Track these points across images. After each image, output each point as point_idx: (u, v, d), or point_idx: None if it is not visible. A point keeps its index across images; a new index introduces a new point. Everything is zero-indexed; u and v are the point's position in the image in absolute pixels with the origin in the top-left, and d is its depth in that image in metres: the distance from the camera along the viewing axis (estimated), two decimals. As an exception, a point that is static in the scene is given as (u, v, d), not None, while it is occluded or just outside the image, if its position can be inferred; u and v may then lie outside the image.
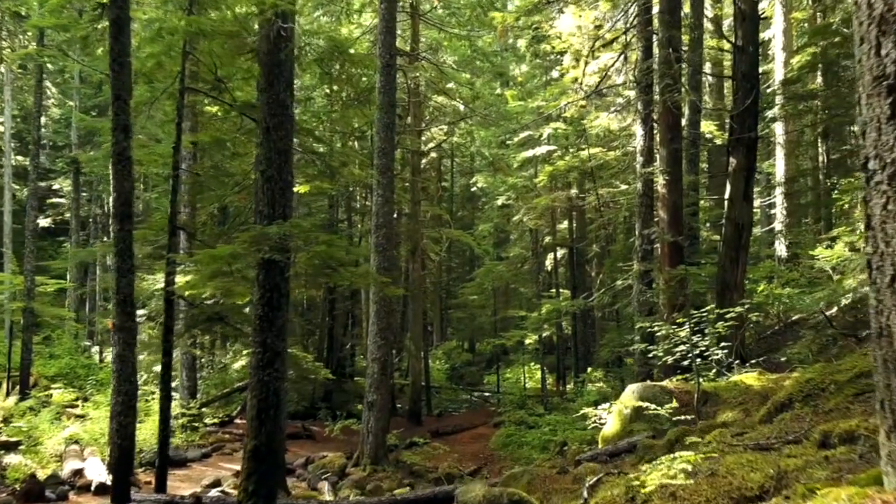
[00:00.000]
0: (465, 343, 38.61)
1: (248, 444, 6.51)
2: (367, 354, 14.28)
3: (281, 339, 6.71)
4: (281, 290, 6.72)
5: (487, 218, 33.37)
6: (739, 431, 4.98)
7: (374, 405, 13.89)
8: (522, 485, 7.12)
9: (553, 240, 26.00)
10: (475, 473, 15.19)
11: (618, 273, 17.40)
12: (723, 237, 12.35)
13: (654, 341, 12.04)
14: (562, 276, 30.26)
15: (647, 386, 8.45)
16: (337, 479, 12.99)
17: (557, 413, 18.42)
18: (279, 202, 6.79)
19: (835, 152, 23.35)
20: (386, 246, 14.07)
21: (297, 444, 16.94)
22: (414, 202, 21.21)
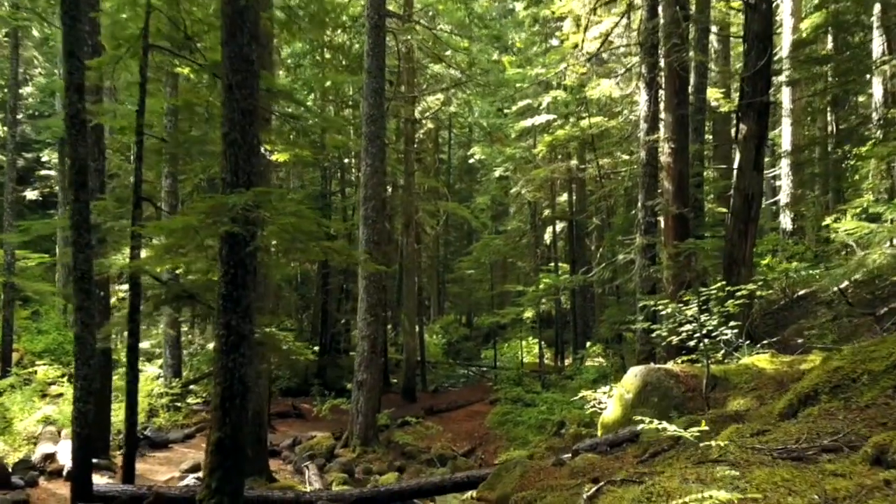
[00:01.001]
0: (463, 317, 38.10)
1: (212, 435, 5.90)
2: (356, 332, 13.65)
3: (248, 321, 6.06)
4: (247, 267, 6.05)
5: (485, 191, 32.60)
6: (760, 429, 4.34)
7: (363, 384, 13.32)
8: (514, 478, 6.53)
9: (552, 213, 25.28)
10: (469, 454, 14.68)
11: (619, 247, 16.71)
12: (731, 209, 11.63)
13: (657, 320, 11.42)
14: (561, 250, 29.60)
15: (650, 369, 7.82)
16: (324, 461, 12.47)
17: (555, 390, 17.90)
18: (243, 168, 6.09)
19: (843, 122, 22.54)
20: (375, 219, 13.38)
21: (286, 423, 16.44)
22: (408, 173, 20.46)
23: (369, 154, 13.33)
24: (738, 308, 7.79)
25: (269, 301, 10.82)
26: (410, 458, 13.74)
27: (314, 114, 13.12)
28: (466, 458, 14.16)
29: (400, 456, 13.75)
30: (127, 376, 8.18)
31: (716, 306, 7.69)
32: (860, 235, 9.45)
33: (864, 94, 24.11)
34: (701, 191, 16.08)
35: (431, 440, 15.17)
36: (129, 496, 7.42)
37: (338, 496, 7.31)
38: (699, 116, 14.80)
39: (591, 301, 25.82)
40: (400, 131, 23.45)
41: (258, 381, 10.40)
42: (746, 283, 11.21)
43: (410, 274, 20.78)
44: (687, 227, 11.70)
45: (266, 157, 10.20)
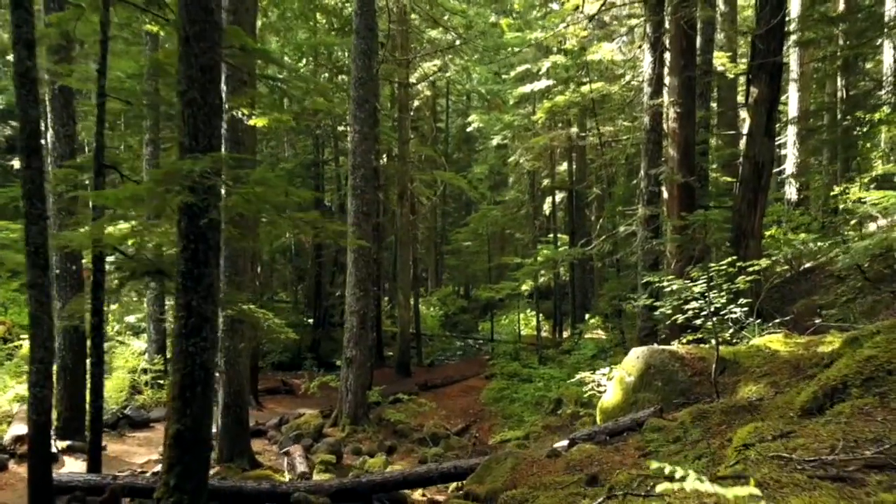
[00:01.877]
0: (461, 288, 37.58)
1: (170, 427, 5.34)
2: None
3: (210, 301, 5.46)
4: (209, 242, 5.43)
5: (483, 160, 31.81)
6: (783, 430, 3.76)
7: (353, 361, 12.80)
8: (505, 471, 5.99)
9: (552, 182, 24.58)
10: (463, 432, 14.22)
11: (620, 218, 16.08)
12: (740, 177, 10.98)
13: (659, 295, 10.84)
14: (560, 221, 28.95)
15: (653, 350, 7.26)
16: (312, 441, 11.98)
17: (552, 365, 17.42)
18: (203, 132, 5.43)
19: (853, 88, 21.72)
20: (365, 188, 12.73)
21: (274, 399, 15.97)
22: (402, 141, 19.72)
23: (358, 119, 12.61)
24: (749, 284, 7.20)
25: (248, 276, 10.22)
26: (402, 437, 13.28)
27: (294, 75, 12.37)
28: (460, 436, 13.70)
29: (391, 435, 13.29)
30: (91, 358, 7.61)
31: (725, 282, 7.10)
32: (885, 206, 8.80)
33: (873, 60, 23.26)
34: (706, 159, 15.40)
35: (424, 417, 14.71)
36: (92, 486, 6.91)
37: (316, 487, 6.80)
38: (705, 79, 14.05)
39: (590, 273, 25.26)
40: (394, 97, 22.63)
41: (238, 360, 9.86)
42: (756, 256, 10.62)
43: (405, 246, 20.17)
44: (692, 196, 11.06)
45: (244, 123, 9.52)
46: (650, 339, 11.15)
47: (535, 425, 13.31)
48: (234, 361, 9.84)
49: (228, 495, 6.85)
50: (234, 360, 9.82)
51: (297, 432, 12.19)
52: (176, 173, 4.92)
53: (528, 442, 12.09)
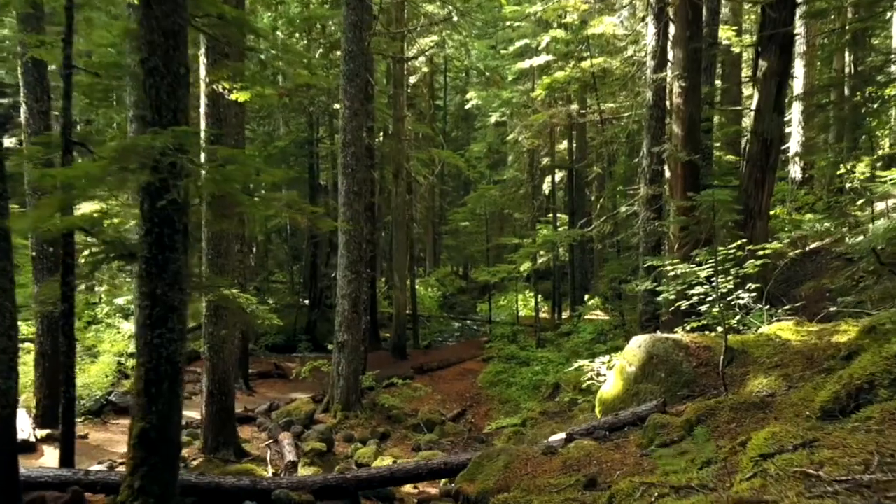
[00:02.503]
0: (460, 268, 37.18)
1: (135, 426, 4.94)
2: (336, 290, 12.68)
3: (177, 289, 5.03)
4: (175, 225, 4.99)
5: (482, 138, 31.21)
6: (805, 439, 3.35)
7: (344, 346, 12.41)
8: (497, 469, 5.61)
9: (551, 161, 24.05)
10: (459, 418, 13.88)
11: (620, 198, 15.60)
12: (747, 155, 10.52)
13: (661, 280, 10.41)
14: (560, 201, 28.45)
15: (656, 339, 6.84)
16: (302, 428, 11.63)
17: (550, 348, 17.05)
18: (167, 104, 4.96)
19: (861, 64, 21.12)
20: (356, 167, 12.24)
21: (266, 384, 15.62)
22: (397, 118, 19.17)
23: (349, 95, 12.09)
24: (758, 269, 6.77)
25: (234, 258, 9.78)
26: (396, 423, 12.94)
27: (279, 46, 11.81)
28: (455, 422, 13.36)
29: (385, 420, 12.95)
30: (63, 346, 7.20)
31: (732, 267, 6.67)
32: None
33: (880, 36, 22.63)
34: (710, 136, 14.88)
35: (419, 402, 14.36)
36: (63, 482, 6.53)
37: (299, 483, 6.42)
38: (711, 52, 13.48)
39: (590, 253, 24.83)
40: (389, 73, 22.04)
41: (222, 347, 9.45)
42: (763, 237, 10.18)
43: (401, 226, 19.70)
44: (697, 175, 10.60)
45: (226, 98, 9.02)
46: (652, 323, 10.76)
47: (533, 411, 12.97)
48: (219, 348, 9.44)
49: (206, 492, 6.48)
50: (219, 346, 9.42)
51: (287, 419, 11.84)
52: (133, 150, 4.47)
53: (525, 429, 11.74)
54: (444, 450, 11.73)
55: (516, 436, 11.69)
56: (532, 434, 11.59)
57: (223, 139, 9.30)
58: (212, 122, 9.26)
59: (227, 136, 9.35)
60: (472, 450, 12.01)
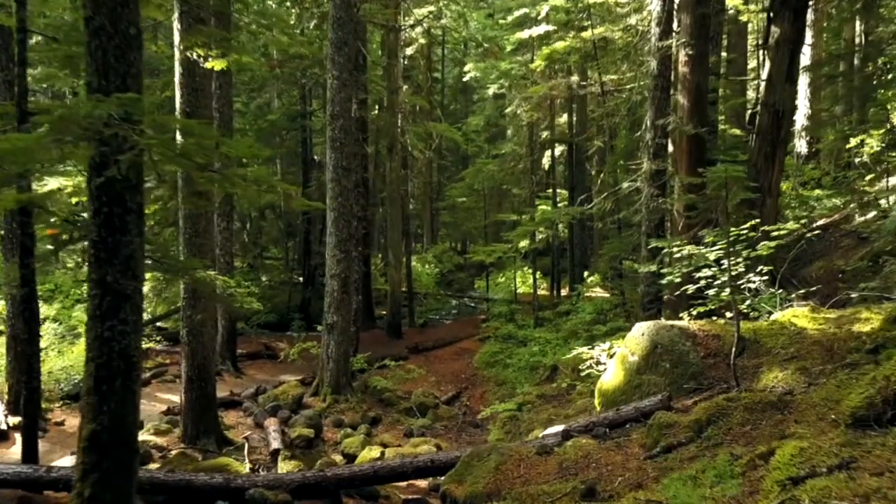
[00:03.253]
0: (458, 244, 36.65)
1: (84, 428, 4.47)
2: (325, 270, 12.17)
3: (130, 275, 4.52)
4: (126, 204, 4.47)
5: (480, 111, 30.48)
6: (841, 458, 2.86)
7: (334, 327, 11.94)
8: (488, 470, 5.15)
9: (551, 135, 23.39)
10: (453, 401, 13.47)
11: (621, 173, 15.02)
12: (757, 128, 9.94)
13: (665, 261, 9.90)
14: (560, 175, 27.82)
15: (660, 326, 6.35)
16: (290, 413, 11.20)
17: (549, 328, 16.59)
18: (115, 69, 4.40)
19: (871, 34, 20.37)
20: (344, 140, 11.66)
21: (255, 365, 15.18)
22: (390, 90, 18.50)
23: (336, 64, 11.46)
24: (772, 251, 6.25)
25: (211, 239, 9.26)
26: (388, 406, 12.52)
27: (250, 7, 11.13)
28: (450, 405, 12.95)
29: (377, 404, 12.53)
30: (25, 334, 6.71)
31: (744, 249, 6.15)
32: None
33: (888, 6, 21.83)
34: (715, 109, 14.26)
35: (413, 384, 13.95)
36: (24, 480, 6.09)
37: (276, 481, 5.98)
38: (718, 19, 12.81)
39: (589, 229, 24.29)
40: (383, 43, 21.30)
41: (201, 331, 8.97)
42: (772, 215, 9.66)
43: (395, 202, 19.14)
44: (703, 150, 10.03)
45: (202, 67, 8.42)
46: (654, 305, 10.28)
47: (530, 394, 12.55)
48: (198, 332, 8.96)
49: (176, 490, 6.04)
50: (198, 330, 8.94)
51: (274, 403, 11.41)
52: (72, 119, 3.92)
53: (521, 414, 11.32)
54: (438, 435, 11.33)
55: (511, 421, 11.28)
56: (528, 419, 11.18)
57: (199, 111, 8.72)
58: (188, 94, 8.67)
59: (203, 107, 8.76)
60: (466, 435, 11.68)
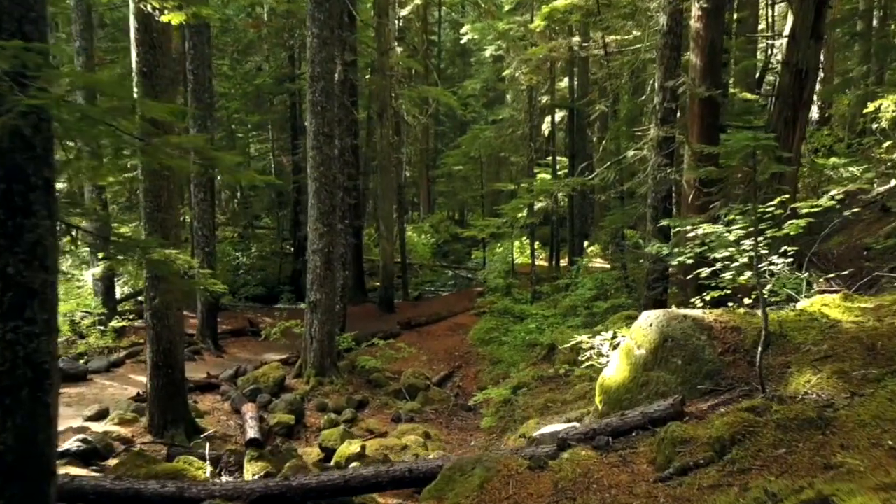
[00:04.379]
0: (455, 213, 35.77)
1: (-14, 448, 3.70)
2: (307, 244, 11.39)
3: (38, 267, 3.76)
4: (30, 179, 3.69)
5: (478, 75, 29.33)
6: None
7: (317, 306, 11.20)
8: (471, 489, 4.42)
9: (551, 99, 22.38)
10: (445, 381, 12.80)
11: (625, 140, 14.13)
12: (777, 89, 9.08)
13: (672, 234, 9.11)
14: (560, 142, 26.85)
15: (671, 316, 5.58)
16: (270, 397, 10.53)
17: (547, 303, 15.87)
18: (9, 13, 3.55)
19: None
20: (326, 104, 10.76)
21: (239, 343, 14.47)
22: (381, 52, 17.46)
23: (317, 22, 10.51)
24: (802, 230, 5.45)
25: (175, 214, 8.43)
26: (376, 388, 11.85)
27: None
28: (441, 386, 12.28)
29: (364, 385, 11.86)
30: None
31: (769, 228, 5.36)
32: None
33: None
34: (726, 70, 13.32)
35: (404, 363, 13.27)
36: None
37: (235, 491, 5.28)
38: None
39: (590, 197, 23.42)
40: (375, 1, 20.15)
41: (167, 314, 8.23)
42: (792, 186, 8.85)
43: (387, 171, 18.26)
44: (717, 114, 9.16)
45: (159, 21, 7.51)
46: (660, 284, 9.51)
47: (526, 375, 11.88)
48: (163, 314, 8.21)
49: (123, 500, 5.34)
50: (163, 312, 8.19)
51: (253, 386, 10.72)
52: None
53: (516, 398, 10.65)
54: (427, 420, 10.67)
55: (506, 405, 10.62)
56: (523, 403, 10.51)
57: (158, 71, 7.84)
58: (144, 51, 7.78)
59: (162, 66, 7.87)
60: (458, 419, 11.00)
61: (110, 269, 8.84)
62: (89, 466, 7.03)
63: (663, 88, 9.62)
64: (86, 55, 12.80)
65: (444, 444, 9.28)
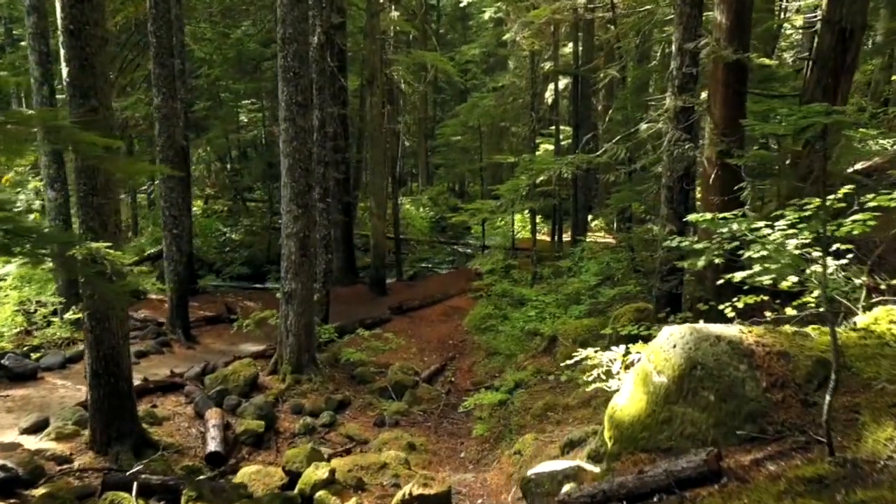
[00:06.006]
0: (456, 185, 34.49)
1: None
2: (281, 228, 10.26)
3: None
4: None
5: (477, 39, 27.78)
6: None
7: (293, 296, 10.10)
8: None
9: (554, 65, 20.98)
10: (436, 377, 11.72)
11: (634, 109, 12.85)
12: (814, 51, 7.84)
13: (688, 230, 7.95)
14: (563, 111, 25.51)
15: (700, 336, 4.45)
16: (239, 399, 9.49)
17: (548, 287, 14.74)
18: None
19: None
20: (299, 71, 9.52)
21: (215, 331, 13.37)
22: (371, 14, 16.10)
23: (287, -26, 9.22)
24: (868, 229, 4.30)
25: (115, 198, 7.26)
26: (360, 385, 10.82)
27: None
28: (431, 383, 11.23)
29: (346, 382, 10.82)
30: None
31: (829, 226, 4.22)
32: None
33: None
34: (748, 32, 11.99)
35: (392, 355, 12.21)
36: None
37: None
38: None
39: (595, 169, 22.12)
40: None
41: (109, 314, 7.13)
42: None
43: (377, 142, 17.00)
44: (744, 80, 7.91)
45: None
46: (675, 277, 8.38)
47: (524, 369, 10.83)
48: (103, 315, 7.12)
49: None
50: (103, 313, 7.10)
51: (221, 386, 9.68)
52: None
53: (513, 398, 9.60)
54: (415, 423, 9.65)
55: (501, 407, 9.57)
56: (520, 406, 9.43)
57: (88, 29, 6.62)
58: (70, 5, 6.55)
59: (93, 24, 6.64)
60: (448, 423, 9.94)
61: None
62: (9, 499, 6.02)
63: (682, 51, 8.34)
64: (37, 14, 11.52)
65: (431, 457, 8.26)
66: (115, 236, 7.05)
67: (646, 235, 11.77)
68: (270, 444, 8.73)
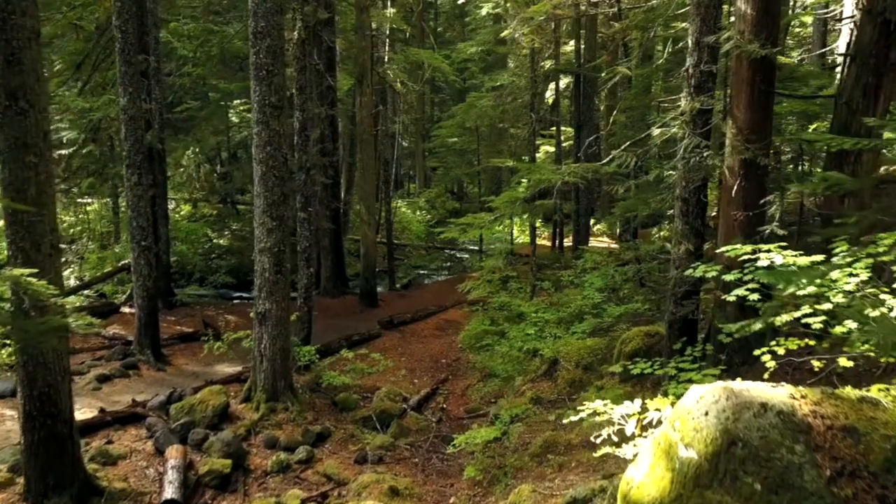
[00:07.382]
0: (454, 186, 33.57)
1: None
2: (254, 243, 9.32)
3: None
4: None
5: (475, 37, 26.87)
6: None
7: (266, 318, 9.17)
8: None
9: (555, 64, 20.05)
10: (426, 402, 10.77)
11: (646, 111, 11.92)
12: (854, 47, 6.91)
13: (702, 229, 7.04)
14: (565, 110, 24.62)
15: (740, 402, 3.51)
16: (207, 432, 8.54)
17: (548, 299, 13.78)
18: None
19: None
20: (272, 69, 8.59)
21: (188, 350, 12.38)
22: (360, 9, 15.17)
23: (259, -38, 8.30)
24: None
25: (52, 213, 6.32)
26: (343, 413, 9.88)
27: None
28: (421, 410, 10.28)
29: (328, 410, 9.87)
30: None
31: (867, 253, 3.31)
32: None
33: None
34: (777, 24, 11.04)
35: (379, 378, 11.28)
36: None
37: None
38: None
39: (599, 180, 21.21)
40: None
41: (42, 349, 6.20)
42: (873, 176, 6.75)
43: (367, 145, 16.07)
44: (772, 79, 6.96)
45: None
46: (691, 301, 7.44)
47: (522, 396, 9.91)
48: (36, 349, 6.19)
49: None
50: (35, 347, 6.17)
51: (187, 417, 8.74)
52: None
53: (509, 433, 8.66)
54: (400, 460, 8.71)
55: (496, 443, 8.63)
56: (516, 443, 8.47)
57: (14, 19, 5.70)
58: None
59: (20, 13, 5.72)
60: (437, 459, 8.98)
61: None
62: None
63: (699, 46, 7.42)
64: None
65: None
66: (50, 258, 6.14)
67: (654, 251, 10.83)
68: (238, 486, 7.81)
